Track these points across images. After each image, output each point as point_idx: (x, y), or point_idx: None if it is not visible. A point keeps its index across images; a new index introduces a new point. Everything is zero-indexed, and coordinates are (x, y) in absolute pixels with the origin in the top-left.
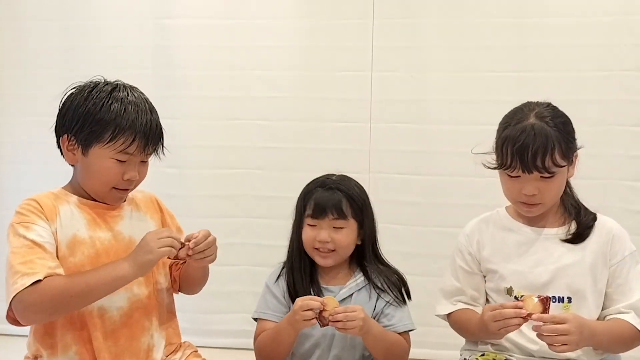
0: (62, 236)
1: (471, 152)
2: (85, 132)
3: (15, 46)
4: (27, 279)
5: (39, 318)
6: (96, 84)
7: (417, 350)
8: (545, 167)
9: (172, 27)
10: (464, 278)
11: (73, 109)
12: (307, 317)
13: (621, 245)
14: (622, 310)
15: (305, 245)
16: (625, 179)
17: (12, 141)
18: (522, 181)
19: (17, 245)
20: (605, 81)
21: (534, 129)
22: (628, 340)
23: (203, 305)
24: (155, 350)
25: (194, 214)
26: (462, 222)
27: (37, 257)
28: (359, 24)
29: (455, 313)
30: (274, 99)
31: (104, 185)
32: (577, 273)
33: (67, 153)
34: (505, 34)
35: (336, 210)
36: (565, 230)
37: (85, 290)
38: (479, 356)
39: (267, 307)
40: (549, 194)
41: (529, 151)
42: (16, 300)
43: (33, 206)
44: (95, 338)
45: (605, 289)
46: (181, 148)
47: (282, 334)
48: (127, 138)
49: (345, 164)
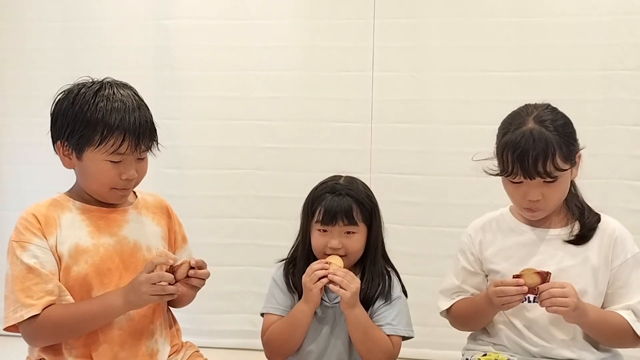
0: (63, 247)
1: (472, 160)
2: (77, 137)
3: (16, 47)
4: (26, 312)
5: (43, 343)
6: (83, 85)
7: (419, 350)
8: (547, 172)
9: (173, 28)
10: (466, 277)
11: (62, 114)
12: (316, 278)
13: (624, 248)
14: (620, 309)
15: (316, 252)
16: (626, 179)
17: (12, 142)
18: (525, 187)
19: (15, 270)
20: (606, 80)
21: (533, 134)
22: (619, 333)
23: (204, 306)
24: (160, 355)
25: (194, 214)
26: (463, 222)
27: (33, 284)
28: (359, 24)
29: (456, 305)
30: (275, 99)
31: (103, 187)
32: (578, 274)
33: (64, 158)
34: (507, 33)
35: (347, 217)
36: (568, 231)
37: (80, 323)
38: (480, 356)
39: (275, 302)
40: (553, 198)
41: (529, 157)
42: (21, 326)
43: (29, 221)
44: (101, 343)
45: (605, 290)
46: (182, 148)
47: (298, 314)
48: (117, 138)
49: (346, 164)
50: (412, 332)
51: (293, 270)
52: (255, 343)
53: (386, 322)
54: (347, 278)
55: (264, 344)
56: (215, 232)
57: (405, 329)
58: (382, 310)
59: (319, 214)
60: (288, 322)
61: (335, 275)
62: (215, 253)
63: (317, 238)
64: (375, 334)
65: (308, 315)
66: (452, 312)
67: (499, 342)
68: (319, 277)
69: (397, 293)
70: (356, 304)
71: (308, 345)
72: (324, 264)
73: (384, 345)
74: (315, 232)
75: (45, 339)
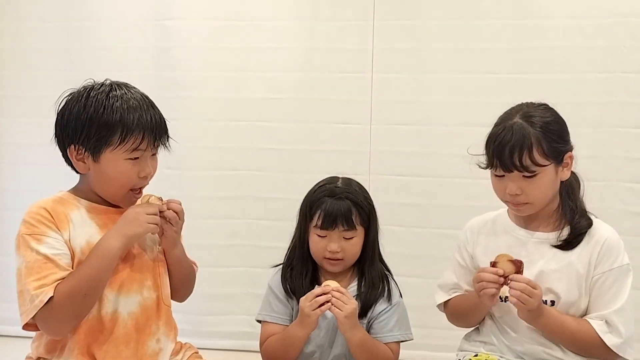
0: (75, 243)
1: (467, 152)
2: (93, 139)
3: (16, 47)
4: (43, 296)
5: (69, 326)
6: (91, 88)
7: (416, 352)
8: (524, 165)
9: (172, 29)
10: (460, 273)
11: (74, 118)
12: (316, 305)
13: (610, 257)
14: (593, 318)
15: (315, 255)
16: (625, 181)
17: (12, 142)
18: (505, 180)
19: (31, 260)
20: (606, 83)
21: (514, 128)
22: (586, 342)
23: (203, 307)
24: (162, 354)
25: (194, 215)
26: (462, 224)
27: (51, 273)
28: (359, 26)
29: (451, 300)
30: (275, 100)
31: (122, 189)
32: (560, 278)
33: (78, 163)
34: (506, 35)
35: (346, 221)
36: (557, 236)
37: (91, 282)
38: (472, 357)
39: (271, 310)
40: (534, 194)
41: (505, 149)
42: (39, 319)
43: (42, 215)
44: (106, 342)
45: (588, 296)
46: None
47: (293, 337)
48: (137, 137)
49: (346, 165)
50: (411, 334)
51: (290, 275)
52: (253, 345)
53: (387, 330)
54: (343, 299)
55: (262, 355)
56: (214, 233)
57: (405, 334)
58: (383, 317)
59: (319, 218)
60: (283, 343)
61: (332, 296)
62: (215, 254)
63: (315, 242)
64: (378, 350)
65: (303, 340)
66: (449, 307)
67: (489, 342)
68: (320, 303)
69: (397, 298)
70: (355, 326)
71: (308, 347)
72: (325, 287)
73: (385, 356)
74: (313, 235)
75: (67, 317)
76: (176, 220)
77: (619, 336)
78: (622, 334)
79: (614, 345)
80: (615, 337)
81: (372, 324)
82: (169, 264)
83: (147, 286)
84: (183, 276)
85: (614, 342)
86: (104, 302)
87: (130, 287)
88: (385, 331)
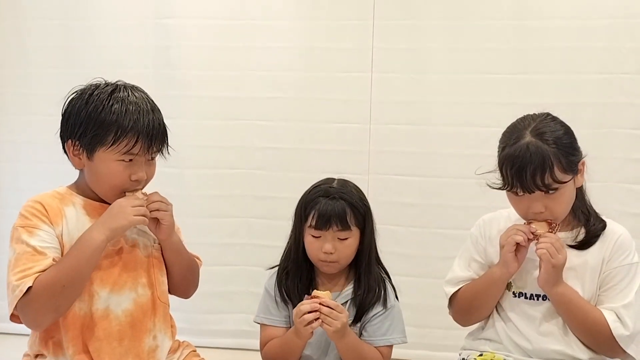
0: (67, 239)
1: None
2: (89, 137)
3: (15, 45)
4: (23, 286)
5: (47, 319)
6: (97, 86)
7: (415, 352)
8: (546, 184)
9: (172, 27)
10: (475, 267)
11: (75, 114)
12: (305, 322)
13: (622, 254)
14: (604, 309)
15: (311, 257)
16: (625, 182)
17: (11, 140)
18: (527, 200)
19: (20, 251)
20: (605, 84)
21: (530, 148)
22: (595, 328)
23: (201, 306)
24: (159, 351)
25: (193, 214)
26: (462, 224)
27: (36, 265)
28: (359, 25)
29: (462, 288)
30: (274, 99)
31: (113, 189)
32: (576, 277)
33: (74, 158)
34: (506, 36)
35: (340, 221)
36: (572, 236)
37: (70, 274)
38: (477, 356)
39: (269, 313)
40: (557, 209)
41: (527, 172)
42: (19, 309)
43: (37, 209)
44: (99, 339)
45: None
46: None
47: (291, 343)
48: (130, 139)
49: (345, 165)
50: (405, 338)
51: (286, 279)
52: (252, 343)
53: (380, 334)
54: (332, 315)
55: (262, 357)
56: (213, 232)
57: (398, 337)
58: (376, 321)
59: (313, 218)
60: (282, 349)
61: (321, 312)
62: (213, 253)
63: (310, 243)
64: (367, 354)
65: (301, 347)
66: (457, 298)
67: (495, 339)
68: (307, 321)
69: (392, 302)
70: (345, 335)
71: (306, 350)
72: (314, 303)
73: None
74: (308, 236)
75: (45, 309)
76: (165, 206)
77: (627, 329)
78: (629, 328)
79: (620, 335)
80: (623, 328)
81: (365, 327)
82: (168, 254)
83: (141, 283)
84: (183, 268)
85: (620, 332)
86: (95, 299)
87: (124, 284)
88: (378, 335)
